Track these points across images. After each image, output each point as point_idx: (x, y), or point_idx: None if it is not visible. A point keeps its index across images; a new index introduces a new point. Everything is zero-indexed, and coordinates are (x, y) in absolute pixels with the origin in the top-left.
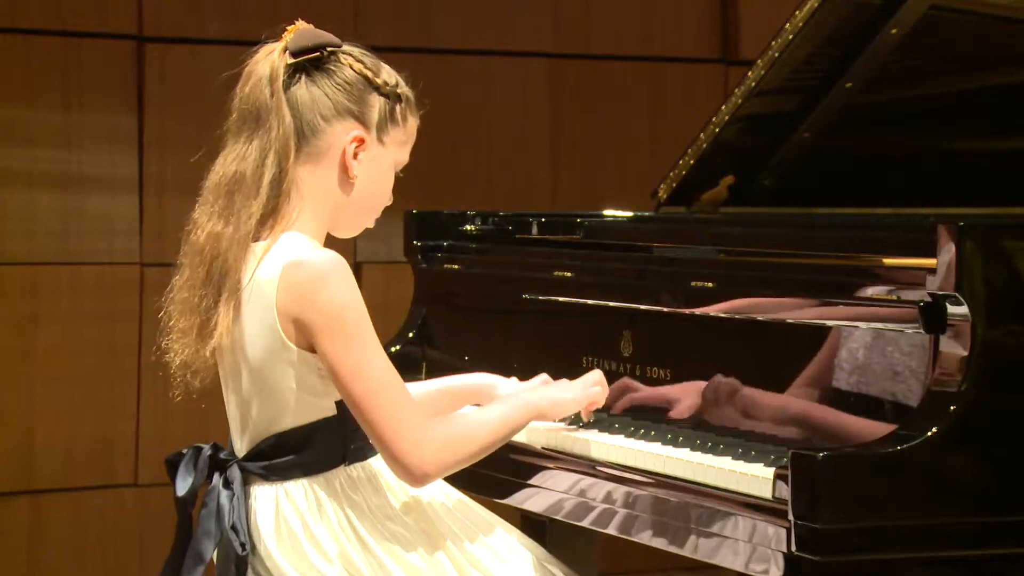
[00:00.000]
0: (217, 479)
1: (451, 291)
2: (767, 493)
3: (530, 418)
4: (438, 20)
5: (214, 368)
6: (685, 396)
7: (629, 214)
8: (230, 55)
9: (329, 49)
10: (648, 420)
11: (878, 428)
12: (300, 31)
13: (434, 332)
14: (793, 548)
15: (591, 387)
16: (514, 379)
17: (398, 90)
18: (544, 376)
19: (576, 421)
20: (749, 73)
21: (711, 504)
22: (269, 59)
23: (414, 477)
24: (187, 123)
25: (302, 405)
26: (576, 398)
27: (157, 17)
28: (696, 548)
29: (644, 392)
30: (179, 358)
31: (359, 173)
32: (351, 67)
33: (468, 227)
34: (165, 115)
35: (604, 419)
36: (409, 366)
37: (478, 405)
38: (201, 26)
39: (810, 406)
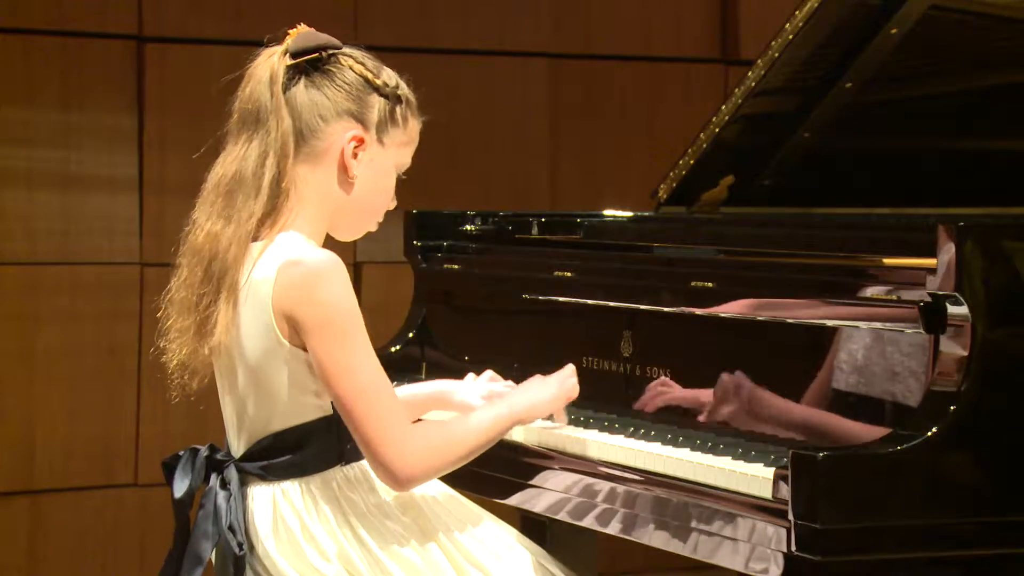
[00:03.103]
0: (214, 480)
1: (451, 291)
2: (767, 493)
3: (512, 423)
4: (438, 20)
5: (211, 368)
6: (685, 396)
7: (629, 214)
8: (230, 55)
9: (329, 51)
10: (648, 420)
11: (878, 428)
12: (301, 34)
13: (434, 332)
14: (793, 548)
15: (567, 380)
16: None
17: (398, 91)
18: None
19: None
20: (749, 73)
21: (711, 504)
22: (269, 62)
23: (397, 481)
24: (187, 123)
25: (298, 405)
26: (555, 395)
27: (157, 17)
28: (696, 548)
29: (644, 392)
30: (176, 358)
31: (358, 173)
32: (351, 68)
33: (468, 227)
34: (165, 115)
35: (604, 419)
36: (408, 366)
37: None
38: (201, 26)
39: (810, 406)
